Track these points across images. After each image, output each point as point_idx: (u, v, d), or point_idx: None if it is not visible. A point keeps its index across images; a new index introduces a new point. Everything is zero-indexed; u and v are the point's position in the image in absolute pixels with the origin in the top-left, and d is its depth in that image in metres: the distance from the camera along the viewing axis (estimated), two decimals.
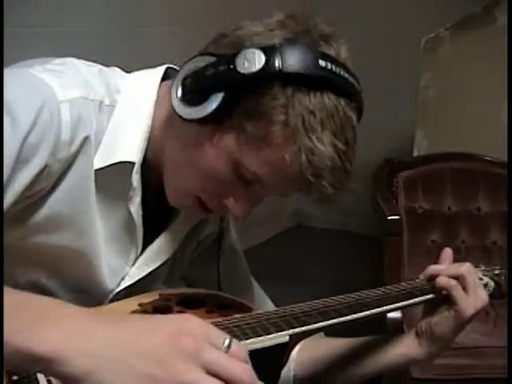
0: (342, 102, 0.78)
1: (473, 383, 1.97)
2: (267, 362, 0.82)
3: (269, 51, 0.76)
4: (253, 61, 0.76)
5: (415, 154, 2.74)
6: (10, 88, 0.74)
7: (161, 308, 0.89)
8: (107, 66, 0.90)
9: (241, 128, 0.79)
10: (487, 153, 2.47)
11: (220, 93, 0.77)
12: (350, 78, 0.80)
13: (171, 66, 0.92)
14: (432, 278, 0.98)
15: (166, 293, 0.93)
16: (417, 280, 1.00)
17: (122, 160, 0.83)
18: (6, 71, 0.78)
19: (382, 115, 3.08)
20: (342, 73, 0.79)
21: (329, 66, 0.77)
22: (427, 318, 0.97)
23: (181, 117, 0.80)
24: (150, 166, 0.86)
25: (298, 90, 0.76)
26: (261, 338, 0.81)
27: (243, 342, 0.80)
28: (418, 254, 2.36)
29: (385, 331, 0.92)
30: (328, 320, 0.87)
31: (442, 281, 0.96)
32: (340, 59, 0.80)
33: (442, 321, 0.95)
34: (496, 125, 2.51)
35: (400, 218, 2.23)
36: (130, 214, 0.87)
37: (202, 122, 0.79)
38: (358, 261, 3.40)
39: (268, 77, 0.76)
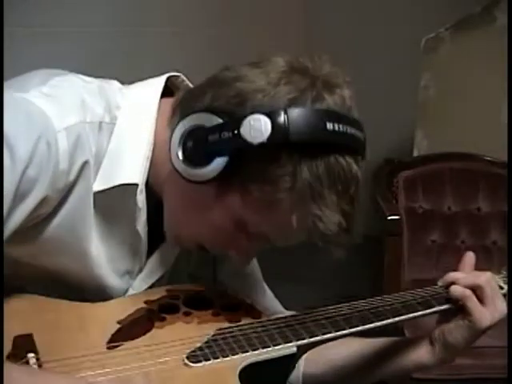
0: (349, 160, 0.77)
1: (473, 383, 1.96)
2: (273, 371, 0.82)
3: (275, 118, 0.74)
4: (259, 129, 0.74)
5: (415, 154, 2.73)
6: (6, 119, 0.73)
7: (167, 306, 0.88)
8: (107, 66, 0.90)
9: (246, 190, 0.78)
10: (487, 153, 2.47)
11: (224, 157, 0.76)
12: (357, 133, 0.79)
13: (173, 74, 0.90)
14: (450, 286, 0.95)
15: (174, 289, 0.92)
16: (435, 287, 0.97)
17: (125, 182, 0.82)
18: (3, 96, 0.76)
19: (382, 115, 3.08)
20: (348, 130, 0.77)
21: (336, 128, 0.76)
22: (441, 326, 0.95)
23: (183, 177, 0.78)
24: (153, 184, 0.85)
25: (305, 156, 0.75)
26: (268, 349, 0.81)
27: (249, 353, 0.80)
28: (418, 253, 2.36)
29: (385, 330, 0.92)
30: (338, 331, 0.86)
31: (456, 290, 0.93)
32: (345, 110, 0.79)
33: (455, 329, 0.94)
34: (496, 125, 2.51)
35: (400, 217, 2.22)
36: (134, 232, 0.86)
37: (204, 183, 0.78)
38: (358, 261, 3.39)
39: (275, 146, 0.74)
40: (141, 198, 0.83)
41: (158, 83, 0.88)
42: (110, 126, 0.82)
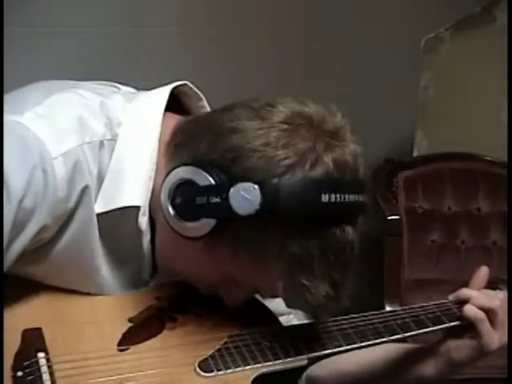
0: (345, 228, 0.75)
1: (473, 383, 1.96)
2: (282, 380, 0.82)
3: (266, 190, 0.70)
4: (248, 200, 0.71)
5: (415, 154, 2.73)
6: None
7: (178, 305, 0.86)
8: (107, 66, 0.89)
9: (234, 250, 0.76)
10: (487, 153, 2.47)
11: (212, 220, 0.73)
12: (357, 198, 0.75)
13: (179, 83, 0.88)
14: (462, 302, 0.94)
15: (185, 285, 0.90)
16: (446, 302, 0.97)
17: (127, 205, 0.79)
18: None
19: (382, 115, 3.07)
20: (346, 199, 0.73)
21: (332, 199, 0.72)
22: (448, 341, 0.95)
23: (172, 229, 0.77)
24: (153, 204, 0.82)
25: (295, 230, 0.72)
26: (280, 361, 0.81)
27: (261, 365, 0.80)
28: (418, 253, 2.36)
29: None
30: (349, 344, 0.86)
31: (470, 311, 0.92)
32: (347, 172, 0.74)
33: (462, 348, 0.93)
34: (496, 125, 2.51)
35: (400, 217, 2.23)
36: (139, 253, 0.84)
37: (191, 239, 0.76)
38: (358, 261, 3.39)
39: (265, 217, 0.71)
40: (143, 221, 0.80)
41: (161, 97, 0.85)
42: (111, 144, 0.79)
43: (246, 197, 0.71)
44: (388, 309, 2.09)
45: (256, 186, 0.71)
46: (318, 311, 0.79)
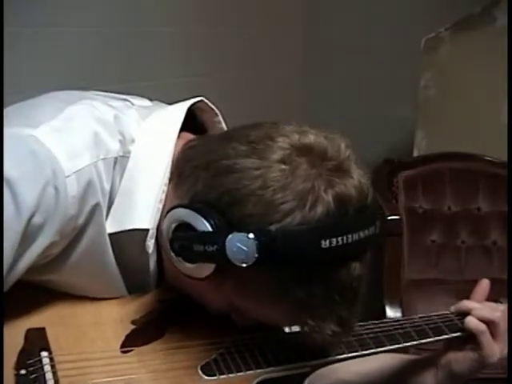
0: (351, 266, 0.72)
1: (473, 383, 1.96)
2: None
3: (263, 240, 0.68)
4: (244, 252, 0.68)
5: (415, 154, 2.73)
6: (11, 160, 0.68)
7: (181, 309, 0.85)
8: (107, 66, 0.88)
9: (238, 289, 0.75)
10: (487, 153, 2.47)
11: (212, 264, 0.73)
12: (362, 234, 0.71)
13: (194, 100, 0.86)
14: (463, 314, 0.95)
15: None
16: (447, 313, 0.97)
17: (136, 228, 0.78)
18: (8, 132, 0.70)
19: (382, 115, 3.07)
20: (349, 239, 0.70)
21: (333, 243, 0.68)
22: (449, 353, 0.95)
23: (175, 265, 0.76)
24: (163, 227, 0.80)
25: (296, 277, 0.71)
26: (283, 366, 0.81)
27: (263, 370, 0.80)
28: (418, 254, 2.36)
29: None
30: (352, 352, 0.86)
31: (471, 323, 0.92)
32: (350, 205, 0.71)
33: (463, 360, 0.94)
34: (496, 125, 2.51)
35: (400, 217, 2.23)
36: (146, 270, 0.83)
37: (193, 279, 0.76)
38: None
39: (261, 265, 0.69)
40: (151, 244, 0.79)
41: (176, 117, 0.83)
42: (123, 161, 0.78)
43: (242, 248, 0.69)
44: (388, 309, 2.10)
45: (252, 236, 0.68)
46: (326, 347, 0.79)
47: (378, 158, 2.52)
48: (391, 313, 2.09)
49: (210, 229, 0.71)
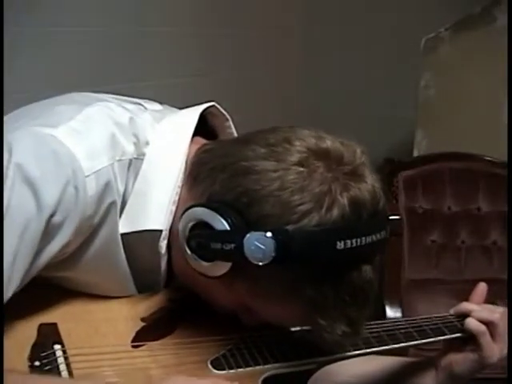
0: (363, 268, 0.74)
1: (473, 383, 1.96)
2: (292, 382, 0.84)
3: (280, 240, 0.69)
4: (262, 251, 0.70)
5: (415, 154, 2.74)
6: (32, 157, 0.69)
7: (190, 307, 0.86)
8: (107, 66, 0.88)
9: (251, 289, 0.76)
10: (487, 153, 2.47)
11: (228, 263, 0.74)
12: (375, 237, 0.73)
13: (207, 105, 0.87)
14: (463, 315, 0.96)
15: None
16: (447, 315, 0.98)
17: (149, 228, 0.79)
18: (28, 131, 0.72)
19: (382, 115, 3.08)
20: (363, 241, 0.72)
21: (348, 245, 0.70)
22: (449, 355, 0.97)
23: (190, 264, 0.77)
24: (175, 228, 0.81)
25: (310, 276, 0.72)
26: (289, 363, 0.83)
27: (271, 366, 0.82)
28: (418, 253, 2.36)
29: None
30: (356, 350, 0.88)
31: (472, 324, 0.94)
32: (365, 209, 0.72)
33: (463, 361, 0.95)
34: (496, 125, 2.51)
35: (400, 217, 2.23)
36: (157, 269, 0.83)
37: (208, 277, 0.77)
38: None
39: (279, 263, 0.70)
40: (163, 245, 0.80)
41: (190, 121, 0.84)
42: (137, 163, 0.79)
43: (259, 246, 0.70)
44: (388, 309, 2.10)
45: (270, 235, 0.70)
46: (335, 347, 0.80)
47: (378, 157, 2.52)
48: (391, 313, 2.09)
49: (228, 227, 0.72)
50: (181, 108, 0.94)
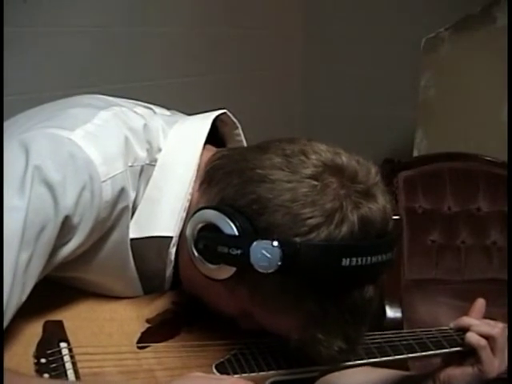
0: (363, 289, 0.74)
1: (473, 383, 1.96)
2: None
3: (287, 251, 0.70)
4: (268, 259, 0.70)
5: (415, 154, 2.74)
6: (50, 160, 0.69)
7: (193, 310, 0.87)
8: (107, 66, 0.88)
9: (252, 296, 0.77)
10: (487, 153, 2.47)
11: (232, 267, 0.75)
12: (380, 258, 0.73)
13: (219, 112, 0.87)
14: (462, 330, 0.96)
15: None
16: (447, 329, 0.98)
17: (159, 235, 0.80)
18: (44, 133, 0.72)
19: (382, 115, 3.08)
20: (368, 261, 0.72)
21: (353, 263, 0.71)
22: (448, 369, 0.97)
23: (195, 265, 0.78)
24: (183, 234, 0.81)
25: (313, 290, 0.73)
26: (293, 370, 0.83)
27: (275, 372, 0.82)
28: (418, 253, 2.36)
29: (384, 330, 0.94)
30: (357, 360, 0.88)
31: (472, 338, 0.94)
32: (373, 228, 0.73)
33: (462, 375, 0.95)
34: (496, 125, 2.51)
35: (400, 218, 2.22)
36: (163, 274, 0.84)
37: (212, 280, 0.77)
38: None
39: (283, 274, 0.71)
40: (173, 251, 0.81)
41: (202, 128, 0.84)
42: (149, 169, 0.80)
43: (266, 255, 0.71)
44: (388, 309, 2.09)
45: (277, 244, 0.70)
46: (329, 362, 0.80)
47: (378, 158, 2.52)
48: (391, 313, 2.09)
49: (237, 232, 0.73)
50: (181, 108, 0.94)
